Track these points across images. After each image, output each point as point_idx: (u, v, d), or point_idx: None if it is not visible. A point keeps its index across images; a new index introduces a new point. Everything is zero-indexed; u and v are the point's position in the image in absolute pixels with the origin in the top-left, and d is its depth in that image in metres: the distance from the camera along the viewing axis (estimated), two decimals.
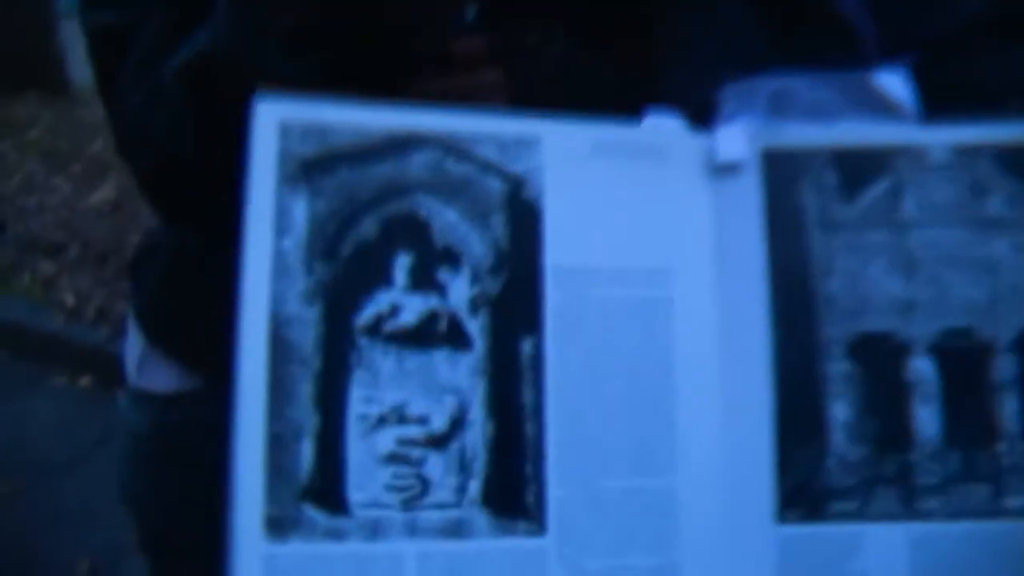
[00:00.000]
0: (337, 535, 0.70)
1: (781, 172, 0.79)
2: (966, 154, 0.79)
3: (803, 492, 0.76)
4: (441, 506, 0.72)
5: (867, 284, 0.78)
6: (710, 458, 0.76)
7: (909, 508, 0.76)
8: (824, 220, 0.78)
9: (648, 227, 0.77)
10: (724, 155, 0.78)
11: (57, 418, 2.85)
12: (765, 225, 0.78)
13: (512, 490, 0.73)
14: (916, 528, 0.76)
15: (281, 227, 0.72)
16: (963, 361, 0.78)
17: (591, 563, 0.73)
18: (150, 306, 1.06)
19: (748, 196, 0.78)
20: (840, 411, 0.77)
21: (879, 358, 0.78)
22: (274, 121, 0.73)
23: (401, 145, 0.74)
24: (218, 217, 0.73)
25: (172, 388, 1.03)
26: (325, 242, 0.73)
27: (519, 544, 0.72)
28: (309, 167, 0.73)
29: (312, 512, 0.70)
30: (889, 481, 0.77)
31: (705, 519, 0.75)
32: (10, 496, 2.33)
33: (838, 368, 0.77)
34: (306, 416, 0.71)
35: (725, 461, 0.76)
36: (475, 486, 0.72)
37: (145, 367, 1.06)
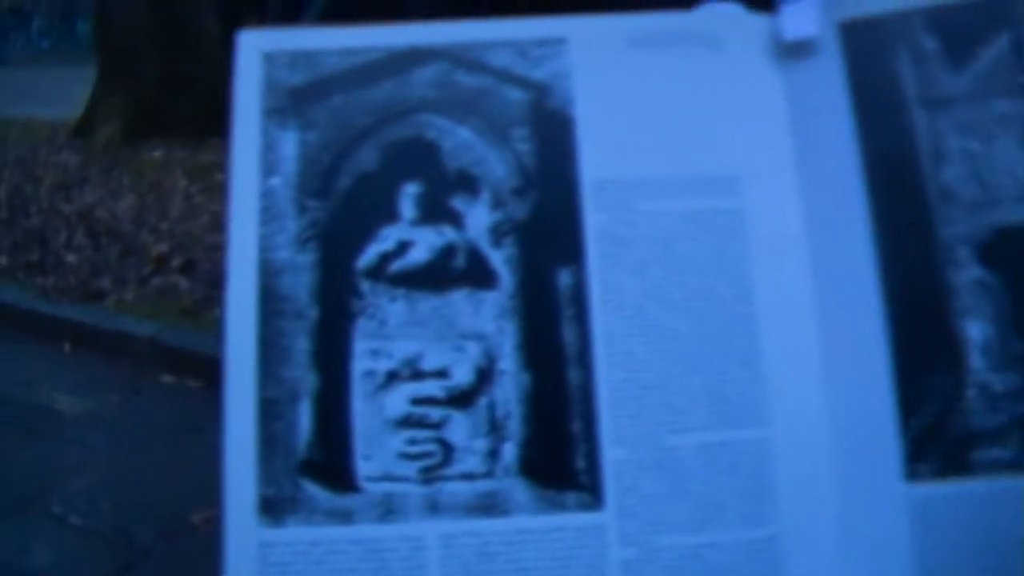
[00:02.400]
0: (344, 516, 0.57)
1: (866, 45, 0.63)
2: None
3: (936, 439, 0.58)
4: (469, 476, 0.58)
5: (994, 167, 0.61)
6: (810, 402, 0.59)
7: None
8: (928, 96, 0.62)
9: (707, 127, 0.63)
10: (793, 32, 0.63)
11: None
12: (853, 111, 0.62)
13: (557, 454, 0.58)
14: None
15: (269, 164, 0.62)
16: None
17: (664, 541, 0.57)
18: None
19: (828, 79, 0.63)
20: (976, 330, 0.59)
21: (1020, 257, 0.59)
22: (257, 51, 0.64)
23: (401, 62, 0.63)
24: None
25: None
26: (319, 178, 0.62)
27: (570, 520, 0.57)
28: (299, 97, 0.63)
29: (313, 489, 0.58)
30: None
31: (809, 481, 0.58)
32: (206, 524, 2.31)
33: (968, 276, 0.60)
34: (303, 376, 0.59)
35: (830, 405, 0.59)
36: (510, 450, 0.58)
37: None
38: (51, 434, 2.77)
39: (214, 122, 4.98)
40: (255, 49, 0.64)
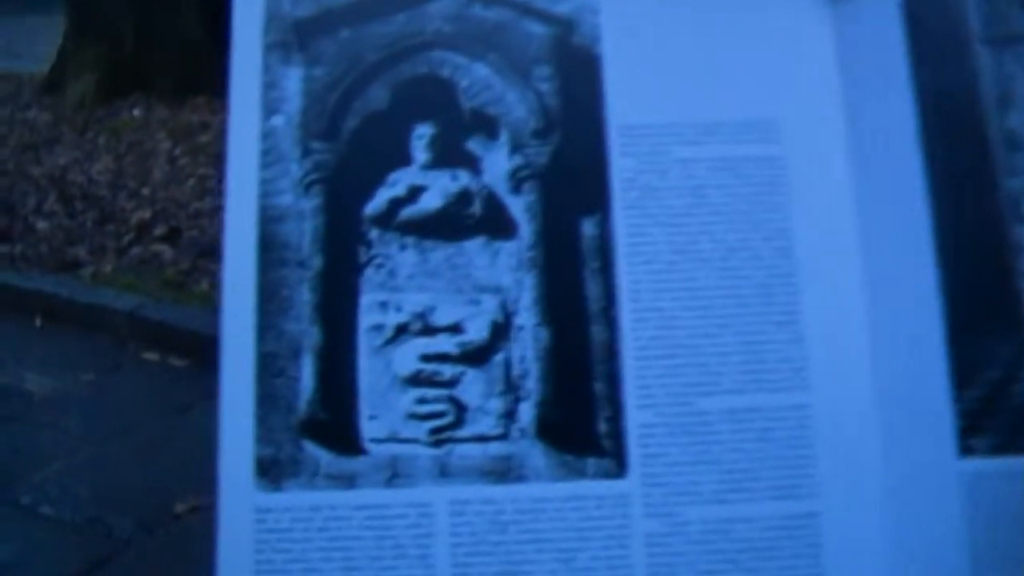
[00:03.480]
0: (347, 479, 0.60)
1: None
2: None
3: (994, 411, 0.60)
4: (482, 439, 0.61)
5: None
6: (854, 367, 0.61)
7: None
8: (994, 34, 0.64)
9: (747, 68, 0.65)
10: None
11: None
12: (909, 49, 0.64)
13: (578, 416, 0.61)
14: None
15: (271, 103, 0.64)
16: None
17: (691, 513, 0.60)
18: None
19: (881, 13, 0.65)
20: None
21: None
22: None
23: None
24: None
25: None
26: (325, 117, 0.65)
27: (590, 488, 0.60)
28: (303, 29, 0.66)
29: (314, 450, 0.60)
30: None
31: (852, 453, 0.61)
32: (190, 513, 2.35)
33: None
34: (305, 330, 0.62)
35: (876, 371, 0.61)
36: (527, 412, 0.61)
37: None
38: (20, 417, 2.81)
39: (200, 78, 5.01)
40: None
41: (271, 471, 0.60)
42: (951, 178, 0.62)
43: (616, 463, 0.60)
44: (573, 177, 0.63)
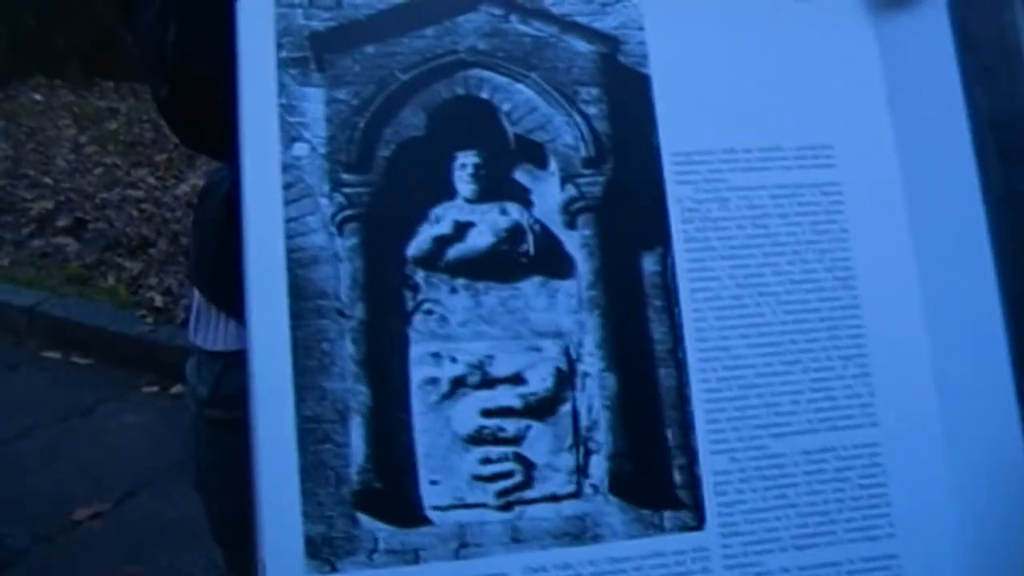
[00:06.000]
0: (410, 554, 0.56)
1: None
2: None
3: None
4: (554, 498, 0.57)
5: None
6: (922, 400, 0.61)
7: None
8: None
9: (796, 88, 0.63)
10: None
11: (146, 431, 2.75)
12: (962, 69, 0.63)
13: (652, 467, 0.58)
14: None
15: (290, 129, 0.58)
16: None
17: (772, 561, 0.58)
18: (201, 253, 0.94)
19: (931, 31, 0.64)
20: None
21: None
22: None
23: (445, 4, 0.61)
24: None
25: (231, 346, 0.90)
26: (355, 145, 0.59)
27: (668, 544, 0.58)
28: (321, 44, 0.60)
29: (371, 524, 0.56)
30: None
31: (926, 489, 0.60)
32: (91, 520, 2.23)
33: None
34: (351, 388, 0.56)
35: (945, 404, 0.61)
36: (599, 465, 0.58)
37: (201, 323, 0.94)
38: None
39: (107, 60, 4.78)
40: None
41: (323, 551, 0.55)
42: (1012, 202, 0.63)
43: (693, 514, 0.58)
44: (630, 209, 0.60)
